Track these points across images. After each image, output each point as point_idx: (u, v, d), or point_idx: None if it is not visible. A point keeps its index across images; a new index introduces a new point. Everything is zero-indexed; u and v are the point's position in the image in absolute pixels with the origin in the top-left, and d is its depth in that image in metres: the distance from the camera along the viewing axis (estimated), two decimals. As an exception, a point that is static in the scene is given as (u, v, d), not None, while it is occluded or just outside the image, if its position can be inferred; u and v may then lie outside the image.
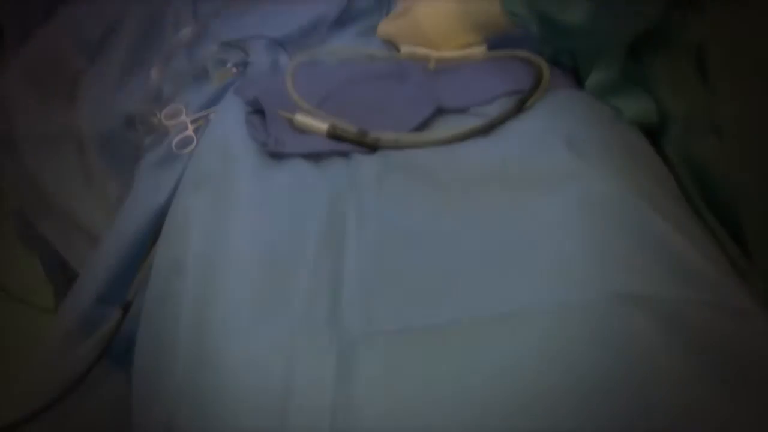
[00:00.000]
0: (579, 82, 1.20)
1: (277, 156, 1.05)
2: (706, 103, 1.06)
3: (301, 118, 1.09)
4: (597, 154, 1.00)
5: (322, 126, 1.07)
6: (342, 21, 1.34)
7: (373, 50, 1.29)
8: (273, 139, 1.06)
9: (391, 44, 1.31)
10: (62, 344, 1.15)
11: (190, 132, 1.19)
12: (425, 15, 1.24)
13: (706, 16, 1.05)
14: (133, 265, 1.13)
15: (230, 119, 1.14)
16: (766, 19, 1.01)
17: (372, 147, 1.05)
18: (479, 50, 1.23)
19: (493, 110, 1.09)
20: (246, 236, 0.94)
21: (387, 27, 1.31)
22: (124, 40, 1.38)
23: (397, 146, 1.04)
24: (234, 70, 1.27)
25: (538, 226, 0.90)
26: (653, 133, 1.13)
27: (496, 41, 1.23)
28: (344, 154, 1.06)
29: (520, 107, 1.08)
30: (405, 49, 1.25)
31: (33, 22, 1.54)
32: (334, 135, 1.07)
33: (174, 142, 1.18)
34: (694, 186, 1.08)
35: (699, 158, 1.08)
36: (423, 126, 1.09)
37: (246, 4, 1.38)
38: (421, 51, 1.23)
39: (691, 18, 1.07)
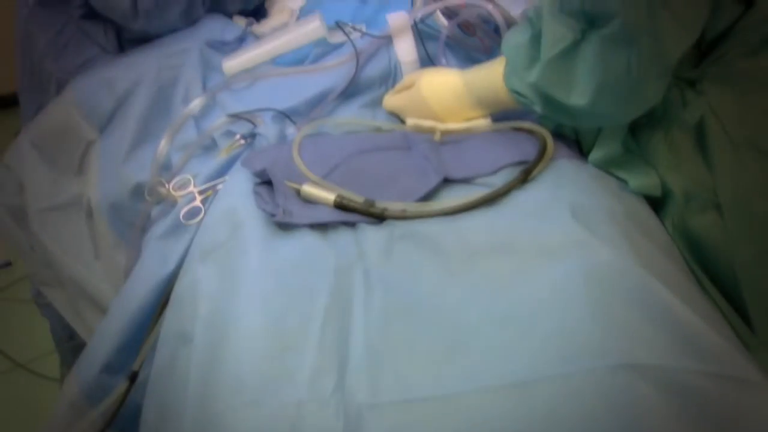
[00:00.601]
0: (582, 151, 1.22)
1: (284, 226, 1.06)
2: (705, 179, 1.08)
3: (308, 189, 1.10)
4: (602, 223, 1.01)
5: (329, 196, 1.09)
6: (348, 93, 1.36)
7: (379, 122, 1.31)
8: (281, 210, 1.07)
9: (397, 116, 1.33)
10: (68, 414, 1.15)
11: (198, 203, 1.20)
12: (430, 90, 1.27)
13: (705, 96, 1.07)
14: (140, 335, 1.14)
15: (238, 190, 1.15)
16: (763, 99, 1.04)
17: (379, 217, 1.06)
18: (484, 122, 1.25)
19: (498, 180, 1.10)
20: (253, 307, 0.95)
21: (393, 100, 1.33)
22: (134, 112, 1.40)
23: (404, 216, 1.05)
24: (242, 141, 1.29)
25: (543, 295, 0.91)
26: (652, 205, 1.15)
27: (500, 115, 1.25)
28: (351, 224, 1.07)
29: (524, 178, 1.09)
30: (410, 121, 1.27)
31: (46, 97, 1.57)
32: (341, 205, 1.08)
33: (182, 213, 1.19)
34: (694, 259, 1.09)
35: (698, 232, 1.09)
36: (429, 196, 1.10)
37: (254, 77, 1.40)
38: (427, 123, 1.25)
39: (689, 97, 1.09)
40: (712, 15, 1.02)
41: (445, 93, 1.26)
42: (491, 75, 1.19)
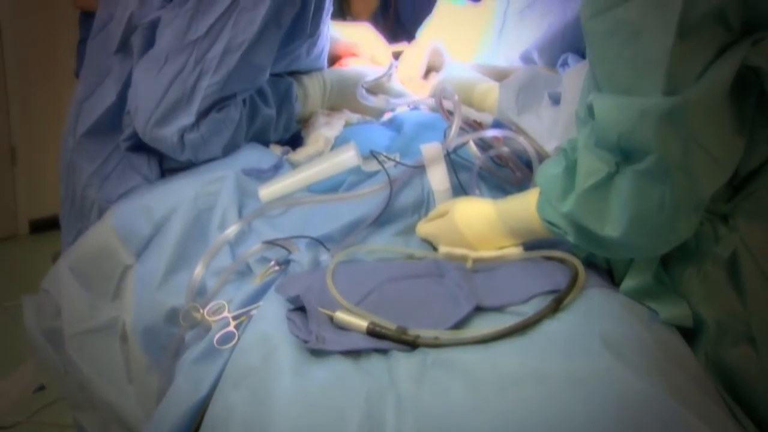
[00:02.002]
0: (613, 280, 1.22)
1: (317, 353, 1.07)
2: (739, 312, 1.08)
3: (341, 316, 1.11)
4: (633, 353, 1.01)
5: (362, 323, 1.09)
6: (382, 221, 1.38)
7: (411, 249, 1.32)
8: (314, 337, 1.08)
9: (430, 243, 1.34)
10: None
11: (232, 328, 1.21)
12: (463, 219, 1.29)
13: (737, 231, 1.08)
14: (172, 461, 1.14)
15: (272, 316, 1.16)
16: None
17: (411, 344, 1.07)
18: (515, 250, 1.26)
19: (530, 309, 1.11)
20: (285, 433, 0.95)
21: (426, 227, 1.35)
22: (171, 237, 1.42)
23: (437, 344, 1.06)
24: (276, 267, 1.31)
25: (575, 424, 0.91)
26: (685, 335, 1.14)
27: (532, 243, 1.26)
28: (384, 351, 1.07)
29: (556, 307, 1.10)
30: (443, 249, 1.28)
31: (86, 223, 1.61)
32: (373, 332, 1.09)
33: (216, 338, 1.20)
34: (728, 390, 1.08)
35: (732, 365, 1.09)
36: (461, 324, 1.10)
37: (289, 204, 1.43)
38: (459, 251, 1.26)
39: (722, 232, 1.10)
40: (744, 152, 1.04)
41: (478, 222, 1.28)
42: (524, 205, 1.21)
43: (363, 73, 1.78)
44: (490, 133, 1.43)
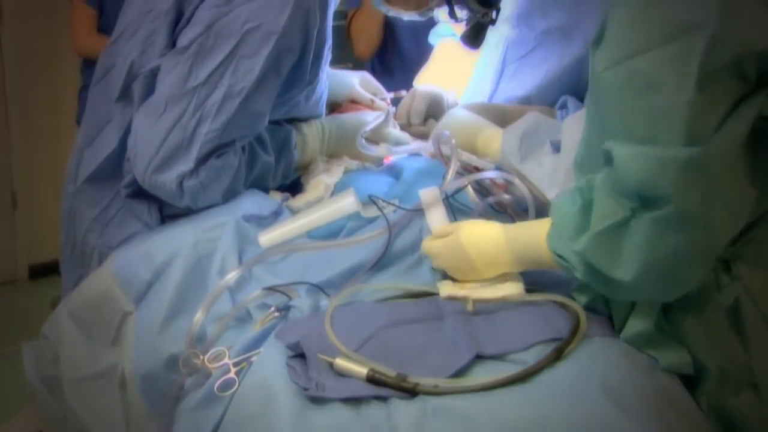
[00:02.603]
0: (614, 327, 1.22)
1: (317, 400, 1.07)
2: (741, 359, 1.08)
3: (341, 362, 1.11)
4: (634, 402, 1.01)
5: (361, 370, 1.09)
6: (381, 265, 1.38)
7: (411, 284, 1.32)
8: (314, 384, 1.08)
9: (440, 274, 1.34)
10: None
11: (232, 374, 1.21)
12: (470, 239, 1.28)
13: (740, 278, 1.09)
14: None
15: (272, 363, 1.16)
16: None
17: (411, 392, 1.06)
18: (517, 292, 1.26)
19: (531, 357, 1.11)
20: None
21: (431, 245, 1.34)
22: (170, 284, 1.42)
23: (437, 392, 1.06)
24: (276, 313, 1.31)
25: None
26: (686, 381, 1.14)
27: (536, 274, 1.27)
28: (383, 399, 1.07)
29: (557, 356, 1.10)
30: (444, 291, 1.28)
31: (87, 270, 1.61)
32: (373, 379, 1.08)
33: (216, 385, 1.20)
34: None
35: (733, 411, 1.09)
36: (462, 372, 1.10)
37: (289, 250, 1.43)
38: (461, 293, 1.26)
39: (724, 281, 1.10)
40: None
41: (485, 243, 1.27)
42: (534, 234, 1.21)
43: (361, 120, 1.79)
44: (486, 175, 1.44)
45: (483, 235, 1.29)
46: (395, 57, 2.79)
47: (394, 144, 1.77)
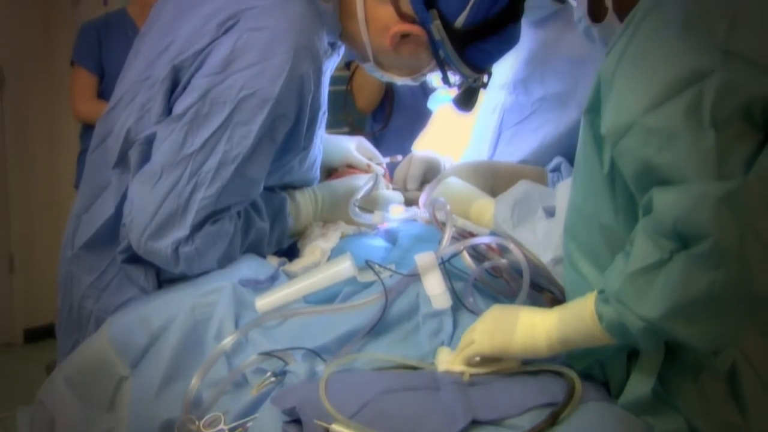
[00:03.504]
0: (610, 393, 1.22)
1: (313, 464, 1.07)
2: (738, 424, 1.08)
3: (336, 429, 1.11)
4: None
5: (357, 438, 1.09)
6: (378, 330, 1.38)
7: (407, 359, 1.33)
8: (309, 450, 1.07)
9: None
10: None
11: (227, 441, 1.21)
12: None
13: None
14: None
15: (268, 428, 1.17)
16: None
17: (408, 461, 1.06)
18: (513, 363, 1.26)
19: (526, 423, 1.11)
20: None
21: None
22: (167, 349, 1.42)
23: (433, 458, 1.05)
24: (272, 379, 1.31)
25: None
26: None
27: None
28: (379, 464, 1.07)
29: (552, 421, 1.10)
30: (442, 366, 1.28)
31: (83, 335, 1.61)
32: (369, 446, 1.08)
33: (211, 452, 1.19)
34: None
35: None
36: (457, 437, 1.10)
37: (286, 315, 1.44)
38: (457, 368, 1.26)
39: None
40: None
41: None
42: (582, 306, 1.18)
43: (352, 185, 1.81)
44: (481, 240, 1.45)
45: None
46: (393, 114, 2.83)
47: (387, 206, 1.78)
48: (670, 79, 1.04)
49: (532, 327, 1.21)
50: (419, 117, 2.28)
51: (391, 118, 2.83)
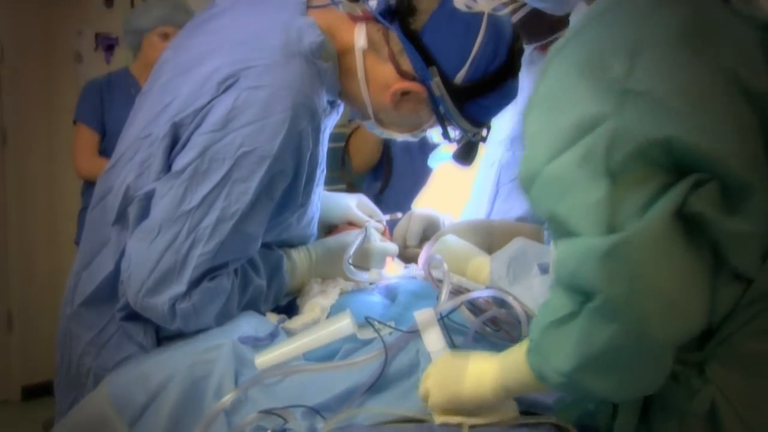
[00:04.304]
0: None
1: None
2: None
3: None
4: None
5: (357, 492, 1.08)
6: (377, 387, 1.38)
7: (405, 411, 1.32)
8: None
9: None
10: None
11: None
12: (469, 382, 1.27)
13: (713, 381, 1.08)
14: None
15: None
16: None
17: None
18: (512, 415, 1.26)
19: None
20: None
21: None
22: (165, 406, 1.42)
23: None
24: (272, 438, 1.30)
25: None
26: None
27: (530, 399, 1.26)
28: None
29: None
30: (439, 418, 1.28)
31: (82, 392, 1.60)
32: (368, 504, 1.07)
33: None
34: None
35: None
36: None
37: (285, 373, 1.43)
38: (456, 419, 1.26)
39: (696, 386, 1.10)
40: (713, 297, 1.04)
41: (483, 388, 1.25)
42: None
43: (345, 241, 1.80)
44: (479, 294, 1.45)
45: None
46: (391, 177, 2.84)
47: (382, 258, 1.79)
48: (567, 127, 1.06)
49: (480, 375, 1.23)
50: (417, 176, 2.29)
51: (390, 179, 2.84)
